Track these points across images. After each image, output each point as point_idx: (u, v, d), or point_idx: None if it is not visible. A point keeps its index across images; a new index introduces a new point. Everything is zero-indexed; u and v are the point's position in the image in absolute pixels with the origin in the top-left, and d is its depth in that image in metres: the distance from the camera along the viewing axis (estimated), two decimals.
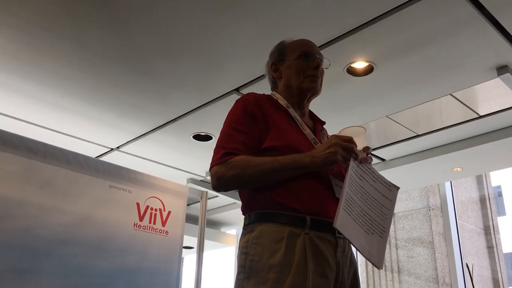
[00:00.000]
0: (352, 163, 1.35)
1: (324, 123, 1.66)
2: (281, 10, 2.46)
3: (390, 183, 1.44)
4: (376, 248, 1.32)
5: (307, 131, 1.51)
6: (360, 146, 1.40)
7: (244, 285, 1.32)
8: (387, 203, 1.41)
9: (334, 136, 1.38)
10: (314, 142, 1.48)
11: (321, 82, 1.61)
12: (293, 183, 1.37)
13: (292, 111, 1.54)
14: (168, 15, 2.51)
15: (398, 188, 1.46)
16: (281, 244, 1.30)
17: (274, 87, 1.67)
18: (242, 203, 1.49)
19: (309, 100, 1.62)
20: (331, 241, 1.36)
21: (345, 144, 1.35)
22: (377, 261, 1.30)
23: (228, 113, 1.51)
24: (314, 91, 1.58)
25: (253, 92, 1.55)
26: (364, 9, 2.44)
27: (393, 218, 5.92)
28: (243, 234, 1.42)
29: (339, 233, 1.26)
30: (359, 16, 2.50)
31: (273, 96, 1.60)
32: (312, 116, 1.67)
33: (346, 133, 1.43)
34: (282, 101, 1.56)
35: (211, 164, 1.42)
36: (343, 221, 1.26)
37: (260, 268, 1.30)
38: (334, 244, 1.36)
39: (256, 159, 1.37)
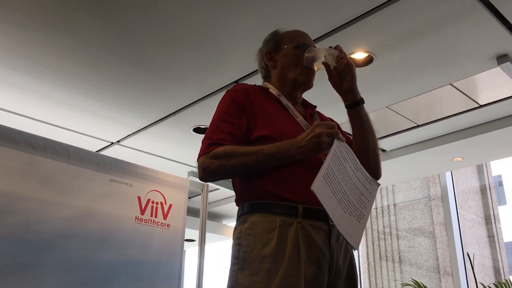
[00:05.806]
0: (337, 143, 1.33)
1: (315, 106, 1.64)
2: (281, 1, 2.44)
3: (371, 177, 1.42)
4: (352, 228, 1.28)
5: (300, 118, 1.50)
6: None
7: (238, 276, 1.31)
8: (367, 194, 1.38)
9: (318, 124, 1.35)
10: (306, 129, 1.46)
11: (314, 74, 1.60)
12: (285, 171, 1.36)
13: (283, 99, 1.53)
14: (167, 7, 2.50)
15: (378, 184, 1.44)
16: (273, 234, 1.30)
17: (266, 75, 1.65)
18: (236, 194, 1.49)
19: (302, 91, 1.61)
20: (324, 230, 1.35)
21: (330, 131, 1.33)
22: (352, 240, 1.27)
23: (218, 104, 1.51)
24: (308, 84, 1.58)
25: (243, 83, 1.54)
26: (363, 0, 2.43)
27: (394, 209, 5.95)
28: (236, 226, 1.42)
29: (332, 221, 1.25)
30: (358, 6, 2.48)
31: (264, 86, 1.59)
32: (305, 103, 1.66)
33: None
34: (273, 90, 1.56)
35: (198, 154, 1.42)
36: (321, 187, 1.23)
37: (253, 258, 1.30)
38: (327, 232, 1.35)
39: (241, 150, 1.36)
